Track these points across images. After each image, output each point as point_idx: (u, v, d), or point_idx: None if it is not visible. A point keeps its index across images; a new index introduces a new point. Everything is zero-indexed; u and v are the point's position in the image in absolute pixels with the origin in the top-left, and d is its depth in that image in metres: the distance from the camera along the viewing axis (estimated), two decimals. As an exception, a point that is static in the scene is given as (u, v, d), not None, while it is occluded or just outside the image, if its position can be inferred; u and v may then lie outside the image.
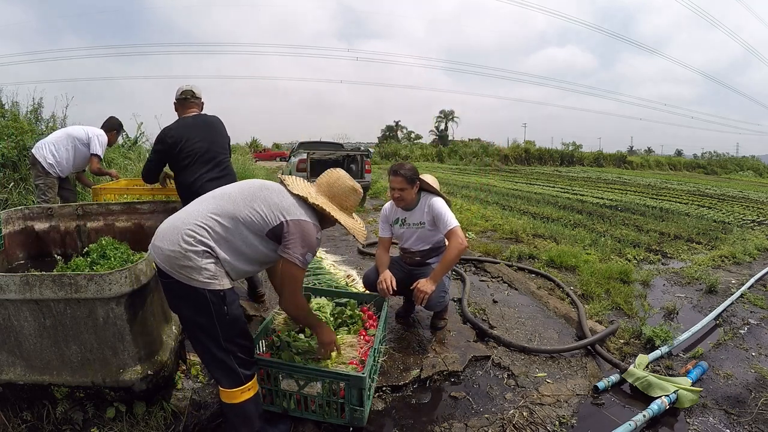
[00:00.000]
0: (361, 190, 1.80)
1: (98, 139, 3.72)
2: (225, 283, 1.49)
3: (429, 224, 2.64)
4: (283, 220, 1.54)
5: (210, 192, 1.66)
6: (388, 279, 2.47)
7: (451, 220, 2.53)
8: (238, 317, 1.54)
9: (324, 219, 1.70)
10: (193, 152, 2.49)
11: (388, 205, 2.85)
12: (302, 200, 1.63)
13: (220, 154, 2.65)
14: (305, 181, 1.75)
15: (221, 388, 1.55)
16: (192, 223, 1.47)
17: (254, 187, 1.62)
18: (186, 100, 2.63)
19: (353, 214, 1.80)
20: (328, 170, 1.80)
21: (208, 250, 1.46)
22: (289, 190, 1.65)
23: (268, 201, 1.56)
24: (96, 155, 3.71)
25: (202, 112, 2.72)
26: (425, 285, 2.39)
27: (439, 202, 2.60)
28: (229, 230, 1.50)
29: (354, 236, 1.74)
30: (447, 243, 2.55)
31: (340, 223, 1.68)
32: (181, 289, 1.45)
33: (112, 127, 3.92)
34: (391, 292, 2.46)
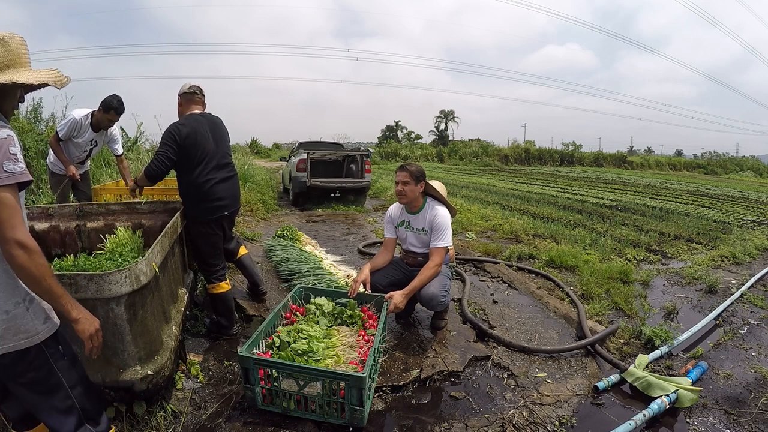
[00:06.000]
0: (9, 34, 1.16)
1: (67, 118, 3.48)
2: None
3: (431, 232, 2.70)
4: None
5: None
6: (359, 281, 2.62)
7: (443, 239, 2.62)
8: None
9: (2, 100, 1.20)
10: (205, 151, 2.46)
11: (394, 207, 2.92)
12: None
13: (228, 155, 2.67)
14: None
15: None
16: None
17: None
18: (194, 95, 2.59)
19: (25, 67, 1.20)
20: None
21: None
22: None
23: None
24: (56, 131, 3.52)
25: (206, 111, 2.69)
26: (398, 300, 2.45)
27: (441, 217, 2.66)
28: None
29: (51, 82, 1.22)
30: (430, 256, 2.64)
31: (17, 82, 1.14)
32: None
33: (102, 105, 3.39)
34: (354, 295, 2.55)
